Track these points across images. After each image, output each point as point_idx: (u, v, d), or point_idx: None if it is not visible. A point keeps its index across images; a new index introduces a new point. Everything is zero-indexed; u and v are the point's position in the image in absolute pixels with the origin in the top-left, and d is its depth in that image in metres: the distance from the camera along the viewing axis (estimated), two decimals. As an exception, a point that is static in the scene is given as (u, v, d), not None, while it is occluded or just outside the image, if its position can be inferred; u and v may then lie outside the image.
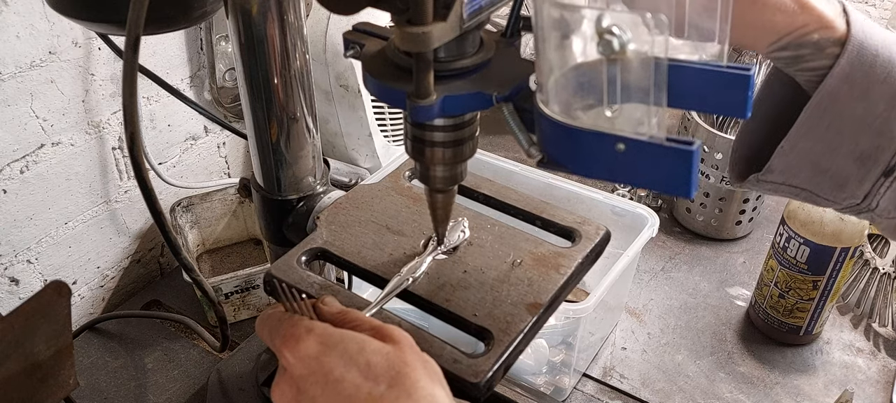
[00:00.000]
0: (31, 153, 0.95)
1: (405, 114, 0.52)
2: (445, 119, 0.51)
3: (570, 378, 0.95)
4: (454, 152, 0.53)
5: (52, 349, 0.60)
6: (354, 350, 0.45)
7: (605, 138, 0.41)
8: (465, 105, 0.49)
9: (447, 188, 0.56)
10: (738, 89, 0.44)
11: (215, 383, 0.90)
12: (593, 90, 0.40)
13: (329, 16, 1.16)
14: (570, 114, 0.42)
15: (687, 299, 1.12)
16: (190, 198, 1.16)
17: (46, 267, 1.03)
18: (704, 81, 0.44)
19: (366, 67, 0.51)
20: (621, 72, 0.38)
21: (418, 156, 0.54)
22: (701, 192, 1.20)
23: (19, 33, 0.89)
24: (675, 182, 0.40)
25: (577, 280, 0.62)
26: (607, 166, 0.42)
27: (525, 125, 0.48)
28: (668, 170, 0.40)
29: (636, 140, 0.40)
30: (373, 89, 0.51)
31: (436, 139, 0.52)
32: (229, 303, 1.05)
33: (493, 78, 0.49)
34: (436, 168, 0.55)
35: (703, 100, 0.45)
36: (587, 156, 0.43)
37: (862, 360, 1.01)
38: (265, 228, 0.75)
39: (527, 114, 0.47)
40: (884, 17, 1.50)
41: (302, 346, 0.46)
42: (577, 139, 0.42)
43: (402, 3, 0.42)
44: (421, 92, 0.46)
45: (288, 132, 0.68)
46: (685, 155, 0.39)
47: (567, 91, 0.42)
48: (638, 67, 0.38)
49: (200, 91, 1.18)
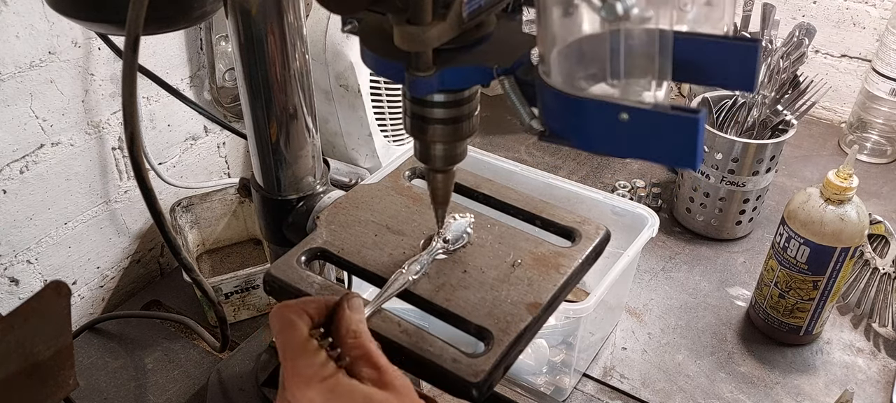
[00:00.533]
0: (31, 153, 0.95)
1: (404, 90, 0.51)
2: (445, 94, 0.50)
3: (570, 378, 0.95)
4: (454, 129, 0.52)
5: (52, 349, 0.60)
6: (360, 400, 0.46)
7: (609, 108, 0.39)
8: (464, 78, 0.48)
9: (447, 167, 0.56)
10: (746, 61, 0.43)
11: (215, 383, 0.90)
12: (597, 59, 0.39)
13: (329, 16, 1.16)
14: (572, 85, 0.41)
15: (687, 299, 1.12)
16: (190, 198, 1.16)
17: (46, 267, 1.03)
18: (711, 53, 0.43)
19: (364, 41, 0.50)
20: (625, 40, 0.37)
21: (418, 133, 0.53)
22: (701, 192, 1.20)
23: (19, 33, 0.89)
24: (679, 152, 0.39)
25: (577, 280, 0.62)
26: (610, 138, 0.40)
27: (526, 99, 0.46)
28: (673, 140, 0.39)
29: (640, 109, 0.38)
30: (371, 63, 0.50)
31: (435, 115, 0.51)
32: (229, 303, 1.05)
33: (494, 51, 0.49)
34: (435, 146, 0.54)
35: (709, 72, 0.44)
36: (590, 128, 0.41)
37: (862, 360, 1.01)
38: (265, 228, 0.75)
39: (528, 87, 0.46)
40: (884, 17, 1.50)
41: (308, 393, 0.47)
42: (580, 110, 0.41)
43: (402, 2, 0.42)
44: (420, 65, 0.45)
45: (288, 132, 0.68)
46: (690, 123, 0.38)
47: (570, 61, 0.41)
48: (642, 34, 0.37)
49: (200, 91, 1.18)
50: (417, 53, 0.45)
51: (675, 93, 1.63)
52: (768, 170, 1.16)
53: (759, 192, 1.19)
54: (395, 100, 1.24)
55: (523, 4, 0.52)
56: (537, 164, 1.42)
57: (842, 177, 0.91)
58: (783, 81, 1.15)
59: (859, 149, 1.47)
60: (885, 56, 1.38)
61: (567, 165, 1.44)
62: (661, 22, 0.37)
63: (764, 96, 1.16)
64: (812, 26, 1.16)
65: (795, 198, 0.96)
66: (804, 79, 1.16)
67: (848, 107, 1.59)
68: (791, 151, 1.49)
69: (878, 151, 1.47)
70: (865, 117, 1.47)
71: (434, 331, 0.54)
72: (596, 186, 1.21)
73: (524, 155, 1.46)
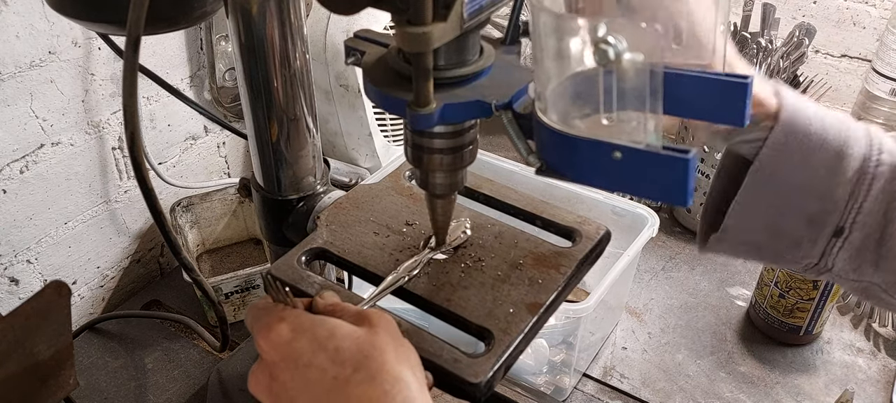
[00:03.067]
0: (31, 153, 0.95)
1: (405, 122, 0.52)
2: (445, 126, 0.51)
3: (570, 378, 0.95)
4: (453, 159, 0.53)
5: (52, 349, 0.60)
6: (324, 335, 0.46)
7: (603, 146, 0.41)
8: (464, 113, 0.49)
9: (447, 194, 0.57)
10: (736, 98, 0.45)
11: (215, 383, 0.90)
12: (590, 99, 0.41)
13: (329, 16, 1.16)
14: (568, 122, 0.43)
15: (687, 299, 1.12)
16: (190, 198, 1.16)
17: (46, 267, 1.03)
18: (702, 90, 0.45)
19: (367, 75, 0.51)
20: (617, 81, 0.39)
21: (418, 162, 0.54)
22: (701, 192, 1.20)
23: (19, 33, 0.89)
24: (671, 190, 0.41)
25: (577, 280, 0.62)
26: (605, 174, 0.42)
27: (524, 133, 0.48)
28: (665, 178, 0.40)
29: (633, 148, 0.40)
30: (373, 97, 0.51)
31: (435, 146, 0.53)
32: (229, 303, 1.05)
33: (493, 85, 0.50)
34: (435, 174, 0.55)
35: (701, 108, 0.46)
36: (585, 165, 0.43)
37: (862, 360, 1.01)
38: (265, 228, 0.74)
39: (526, 121, 0.48)
40: (884, 17, 1.50)
41: (273, 333, 0.47)
42: (575, 147, 0.43)
43: (402, 2, 0.42)
44: (421, 100, 0.46)
45: (288, 132, 0.68)
46: (681, 163, 0.39)
47: (565, 99, 0.43)
48: (634, 76, 0.38)
49: (200, 91, 1.18)
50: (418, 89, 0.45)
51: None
52: (768, 170, 1.16)
53: (759, 192, 1.19)
54: (395, 100, 1.24)
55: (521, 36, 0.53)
56: (537, 164, 1.42)
57: (842, 177, 0.90)
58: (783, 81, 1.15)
59: (859, 149, 1.46)
60: (885, 56, 1.38)
61: (567, 165, 1.44)
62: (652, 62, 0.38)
63: (764, 96, 1.16)
64: (812, 26, 1.16)
65: (795, 198, 0.96)
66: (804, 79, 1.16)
67: (848, 107, 1.59)
68: (791, 151, 1.49)
69: (878, 151, 1.47)
70: (865, 117, 1.46)
71: (434, 331, 0.54)
72: (596, 186, 1.20)
73: (524, 155, 1.46)
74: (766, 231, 0.56)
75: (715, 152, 1.15)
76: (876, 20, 1.52)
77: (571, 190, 1.05)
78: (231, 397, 0.87)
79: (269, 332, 0.47)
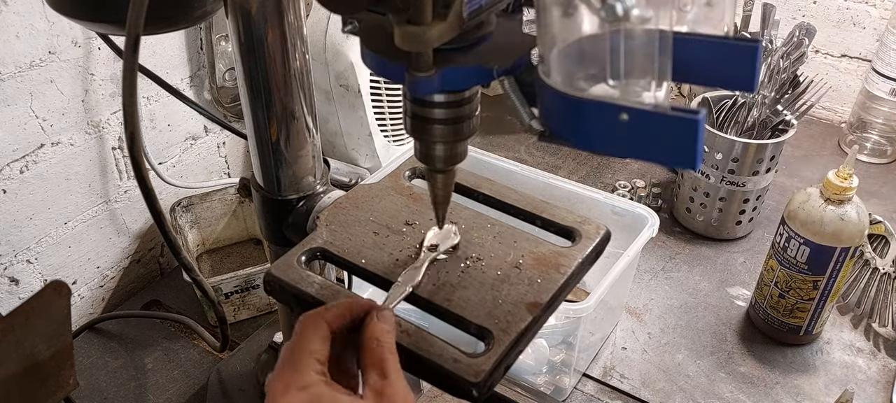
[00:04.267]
0: (31, 153, 0.95)
1: (404, 90, 0.51)
2: (445, 95, 0.50)
3: (570, 378, 0.95)
4: (454, 129, 0.52)
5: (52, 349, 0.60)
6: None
7: (609, 108, 0.39)
8: (464, 79, 0.48)
9: (447, 168, 0.56)
10: (746, 61, 0.43)
11: (215, 383, 0.90)
12: (597, 60, 0.39)
13: (329, 16, 1.16)
14: (572, 85, 0.41)
15: (687, 299, 1.12)
16: (190, 198, 1.16)
17: (46, 267, 1.03)
18: (711, 53, 0.43)
19: (364, 41, 0.50)
20: (625, 40, 0.37)
21: (418, 133, 0.53)
22: (701, 192, 1.20)
23: (19, 33, 0.89)
24: (680, 153, 0.39)
25: (577, 279, 0.62)
26: (610, 138, 0.40)
27: (526, 99, 0.46)
28: (673, 141, 0.38)
29: (640, 109, 0.38)
30: (371, 64, 0.50)
31: (436, 116, 0.51)
32: (229, 303, 1.05)
33: (494, 51, 0.48)
34: (436, 146, 0.54)
35: (710, 72, 0.44)
36: (590, 129, 0.41)
37: (862, 360, 1.01)
38: (265, 228, 0.74)
39: (528, 87, 0.46)
40: (884, 17, 1.50)
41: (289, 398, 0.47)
42: (580, 110, 0.41)
43: (402, 2, 0.42)
44: (420, 65, 0.45)
45: (288, 132, 0.68)
46: (691, 124, 0.37)
47: (570, 61, 0.41)
48: (642, 34, 0.37)
49: (200, 91, 1.18)
50: (418, 54, 0.45)
51: (675, 93, 1.63)
52: (768, 169, 1.16)
53: (759, 192, 1.19)
54: (395, 100, 1.24)
55: (523, 4, 0.52)
56: (537, 164, 1.42)
57: (842, 177, 0.91)
58: (783, 81, 1.15)
59: (859, 149, 1.47)
60: (885, 56, 1.38)
61: (567, 165, 1.44)
62: (661, 22, 0.37)
63: (764, 96, 1.16)
64: (812, 26, 1.16)
65: (795, 198, 0.96)
66: (804, 79, 1.16)
67: (848, 107, 1.59)
68: (791, 151, 1.49)
69: (878, 151, 1.47)
70: (865, 117, 1.47)
71: (434, 331, 0.54)
72: (596, 186, 1.21)
73: (524, 155, 1.46)
74: None
75: (715, 152, 1.15)
76: (876, 20, 1.52)
77: (571, 189, 1.05)
78: (231, 397, 0.87)
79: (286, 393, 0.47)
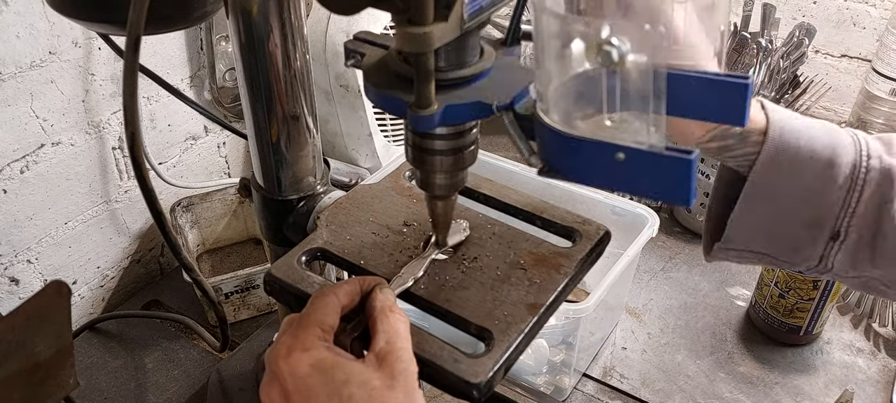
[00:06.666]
0: (31, 153, 0.95)
1: (406, 123, 0.52)
2: (446, 127, 0.51)
3: (570, 378, 0.95)
4: (454, 160, 0.53)
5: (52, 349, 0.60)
6: (341, 379, 0.46)
7: (605, 147, 0.41)
8: (465, 114, 0.49)
9: (447, 195, 0.57)
10: (737, 98, 0.45)
11: (215, 383, 0.90)
12: (593, 99, 0.41)
13: (329, 16, 1.16)
14: (570, 123, 0.43)
15: (687, 299, 1.12)
16: (190, 198, 1.16)
17: (46, 267, 1.03)
18: (703, 90, 0.45)
19: (367, 77, 0.51)
20: (620, 82, 0.39)
21: (419, 163, 0.54)
22: (701, 192, 1.20)
23: (19, 33, 0.89)
24: (674, 190, 0.41)
25: (577, 280, 0.62)
26: (607, 175, 0.42)
27: (525, 134, 0.48)
28: (668, 179, 0.40)
29: (635, 149, 0.40)
30: (374, 98, 0.51)
31: (436, 147, 0.53)
32: (229, 303, 1.05)
33: (494, 86, 0.50)
34: (436, 175, 0.55)
35: (702, 108, 0.46)
36: (587, 165, 0.43)
37: (862, 360, 1.01)
38: (265, 228, 0.74)
39: (527, 122, 0.47)
40: (884, 17, 1.50)
41: (293, 359, 0.47)
42: (578, 148, 0.43)
43: (403, 3, 0.42)
44: (422, 101, 0.46)
45: (288, 132, 0.68)
46: (684, 163, 0.39)
47: (567, 100, 0.43)
48: (637, 77, 0.38)
49: (200, 91, 1.18)
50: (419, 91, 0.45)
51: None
52: (768, 170, 1.16)
53: (759, 192, 1.19)
54: (396, 100, 1.24)
55: (522, 38, 0.53)
56: (537, 164, 1.42)
57: (842, 178, 0.91)
58: (783, 81, 1.15)
59: (859, 149, 1.46)
60: (885, 56, 1.38)
61: (567, 165, 1.44)
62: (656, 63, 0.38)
63: (764, 96, 1.16)
64: (812, 26, 1.16)
65: (795, 199, 0.96)
66: (804, 79, 1.16)
67: (848, 107, 1.59)
68: (791, 151, 1.49)
69: (877, 151, 1.47)
70: (865, 117, 1.46)
71: (434, 331, 0.54)
72: (596, 186, 1.20)
73: (524, 155, 1.46)
74: (765, 239, 0.58)
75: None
76: (876, 20, 1.52)
77: (571, 190, 1.05)
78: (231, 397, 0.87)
79: (289, 356, 0.47)
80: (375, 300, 0.52)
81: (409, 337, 0.50)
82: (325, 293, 0.52)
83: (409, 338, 0.50)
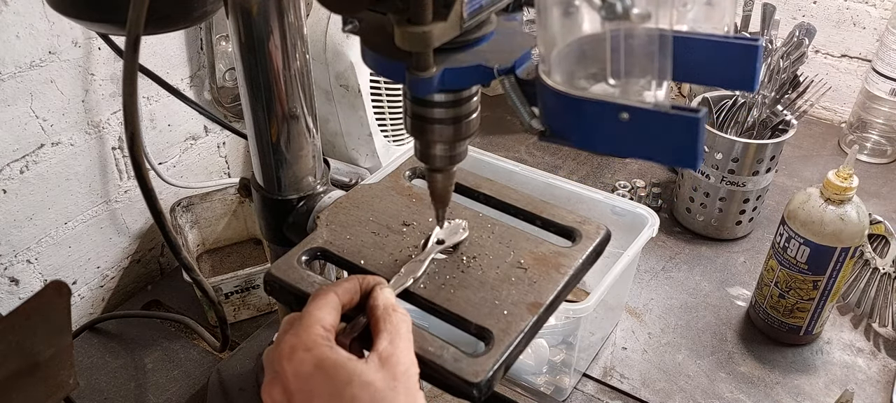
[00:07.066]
0: (31, 153, 0.95)
1: (404, 90, 0.51)
2: (445, 94, 0.50)
3: (570, 378, 0.95)
4: (454, 129, 0.52)
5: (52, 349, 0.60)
6: (343, 379, 0.46)
7: (609, 108, 0.39)
8: (465, 78, 0.48)
9: (446, 167, 0.56)
10: (746, 61, 0.43)
11: (215, 383, 0.90)
12: (597, 59, 0.39)
13: (329, 16, 1.16)
14: (573, 84, 0.41)
15: (687, 299, 1.12)
16: (190, 198, 1.16)
17: (46, 267, 1.03)
18: (712, 53, 0.43)
19: (364, 41, 0.50)
20: (625, 40, 0.37)
21: (418, 133, 0.53)
22: (701, 192, 1.20)
23: (19, 33, 0.89)
24: (680, 152, 0.39)
25: (577, 280, 0.62)
26: (611, 137, 0.41)
27: (527, 99, 0.46)
28: (674, 140, 0.39)
29: (641, 108, 0.39)
30: (371, 63, 0.50)
31: (435, 116, 0.51)
32: (229, 303, 1.05)
33: (495, 51, 0.49)
34: (435, 146, 0.54)
35: (710, 72, 0.44)
36: (591, 128, 0.41)
37: (862, 360, 1.01)
38: (265, 228, 0.74)
39: (528, 87, 0.46)
40: (884, 17, 1.50)
41: (296, 359, 0.47)
42: (581, 110, 0.41)
43: (403, 2, 0.42)
44: (420, 65, 0.45)
45: (288, 132, 0.68)
46: (691, 122, 0.38)
47: (570, 61, 0.41)
48: (642, 33, 0.37)
49: (200, 91, 1.18)
50: (418, 53, 0.45)
51: (675, 93, 1.63)
52: (768, 170, 1.16)
53: (759, 192, 1.19)
54: (395, 100, 1.24)
55: (524, 4, 0.52)
56: (537, 164, 1.42)
57: (842, 177, 0.91)
58: (783, 81, 1.15)
59: (859, 149, 1.47)
60: (885, 56, 1.38)
61: (567, 165, 1.44)
62: (661, 21, 0.37)
63: (764, 96, 1.16)
64: (812, 26, 1.16)
65: (795, 198, 0.96)
66: (804, 79, 1.16)
67: (848, 107, 1.59)
68: (791, 151, 1.49)
69: (878, 151, 1.47)
70: (865, 117, 1.47)
71: (434, 331, 0.54)
72: (596, 186, 1.21)
73: (524, 155, 1.46)
74: None
75: (715, 152, 1.15)
76: (876, 20, 1.52)
77: (571, 190, 1.05)
78: (231, 397, 0.87)
79: (293, 355, 0.47)
80: (377, 299, 0.52)
81: (412, 338, 0.50)
82: (325, 291, 0.51)
83: (412, 339, 0.50)
